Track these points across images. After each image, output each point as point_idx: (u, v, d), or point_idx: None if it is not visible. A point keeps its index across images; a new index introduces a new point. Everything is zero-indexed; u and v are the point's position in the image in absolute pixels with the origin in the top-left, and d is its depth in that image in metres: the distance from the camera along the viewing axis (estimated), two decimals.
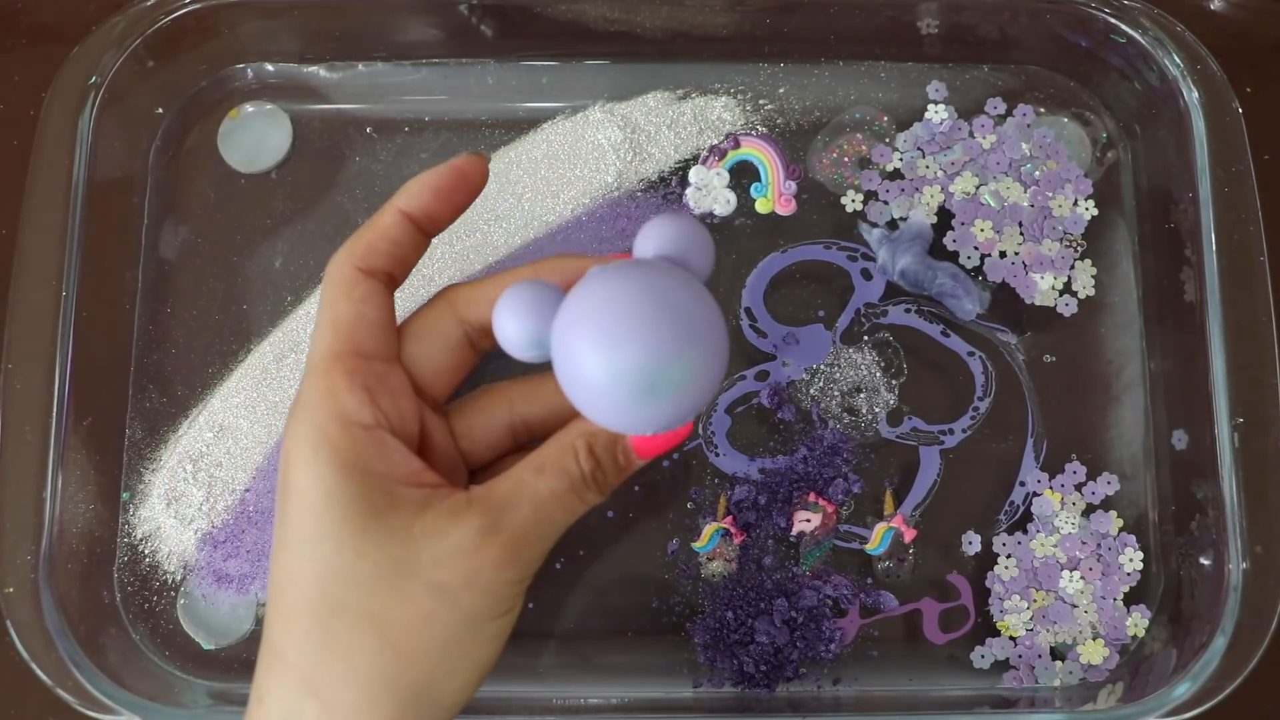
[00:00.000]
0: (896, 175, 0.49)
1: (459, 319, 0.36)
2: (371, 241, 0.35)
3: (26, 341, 0.44)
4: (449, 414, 0.37)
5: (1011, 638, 0.45)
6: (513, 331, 0.31)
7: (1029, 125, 0.50)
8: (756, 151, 0.50)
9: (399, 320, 0.36)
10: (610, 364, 0.29)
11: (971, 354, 0.48)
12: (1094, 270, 0.48)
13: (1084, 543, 0.46)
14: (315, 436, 0.32)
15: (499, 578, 0.32)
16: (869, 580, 0.46)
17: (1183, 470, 0.46)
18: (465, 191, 0.36)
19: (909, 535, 0.46)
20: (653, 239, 0.32)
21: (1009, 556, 0.46)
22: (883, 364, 0.48)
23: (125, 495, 0.46)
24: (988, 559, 0.46)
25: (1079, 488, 0.46)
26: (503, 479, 0.34)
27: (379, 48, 0.50)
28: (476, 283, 0.36)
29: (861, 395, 0.47)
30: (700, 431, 0.47)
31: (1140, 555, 0.46)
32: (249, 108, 0.50)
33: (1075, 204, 0.49)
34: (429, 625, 0.32)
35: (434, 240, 0.48)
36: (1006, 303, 0.48)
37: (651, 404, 0.30)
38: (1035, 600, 0.45)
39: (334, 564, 0.31)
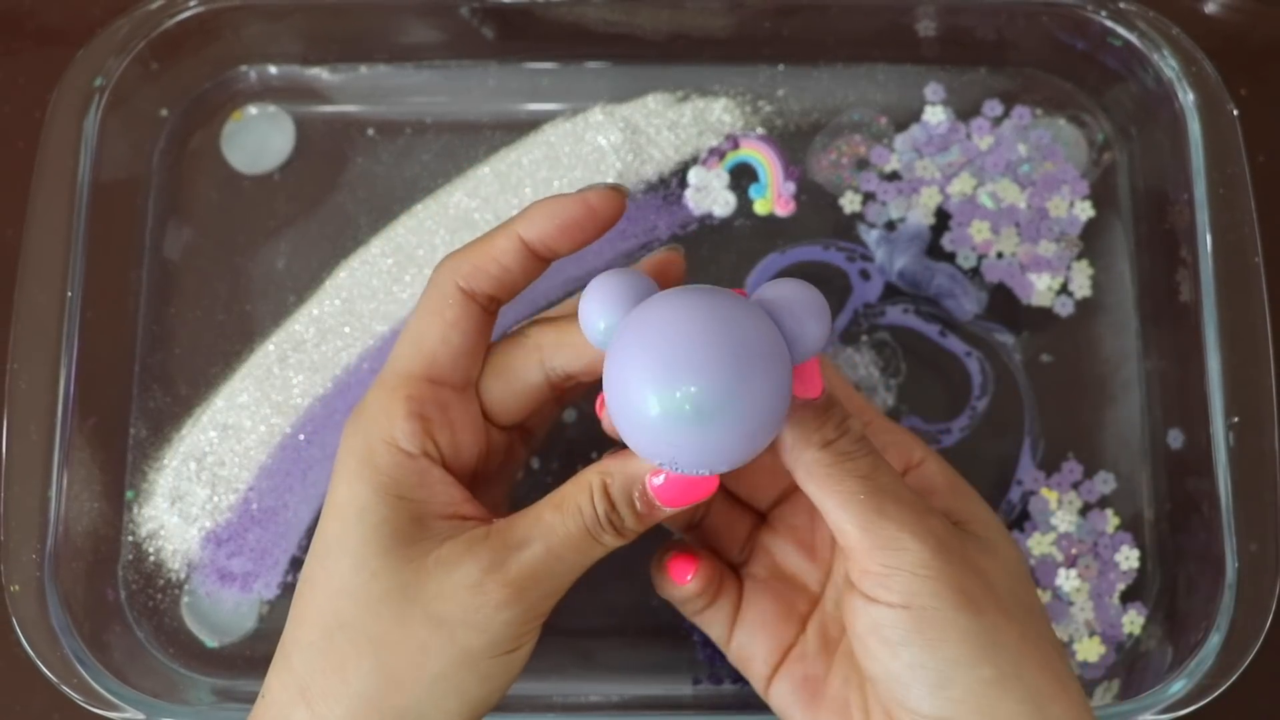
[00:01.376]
0: (894, 176, 0.50)
1: (544, 363, 0.34)
2: (480, 263, 0.33)
3: (31, 341, 0.44)
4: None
5: None
6: (596, 319, 0.30)
7: (1026, 127, 0.50)
8: (755, 153, 0.50)
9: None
10: (659, 392, 0.28)
11: (969, 354, 0.48)
12: (1091, 271, 0.49)
13: (1080, 541, 0.46)
14: (363, 453, 0.33)
15: (498, 617, 0.32)
16: None
17: (1179, 469, 0.46)
18: (593, 228, 0.34)
19: None
20: (766, 304, 0.30)
21: None
22: (881, 364, 0.48)
23: (129, 494, 0.47)
24: None
25: (1075, 486, 0.47)
26: (525, 513, 0.33)
27: (381, 50, 0.51)
28: (565, 326, 0.34)
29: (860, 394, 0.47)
30: None
31: (1136, 553, 0.46)
32: (252, 110, 0.51)
33: (1072, 205, 0.49)
34: (422, 655, 0.31)
35: (434, 241, 0.49)
36: (1004, 303, 0.48)
37: (695, 438, 0.28)
38: None
39: (349, 580, 0.32)
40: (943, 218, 0.49)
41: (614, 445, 0.33)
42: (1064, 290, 0.48)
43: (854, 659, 0.35)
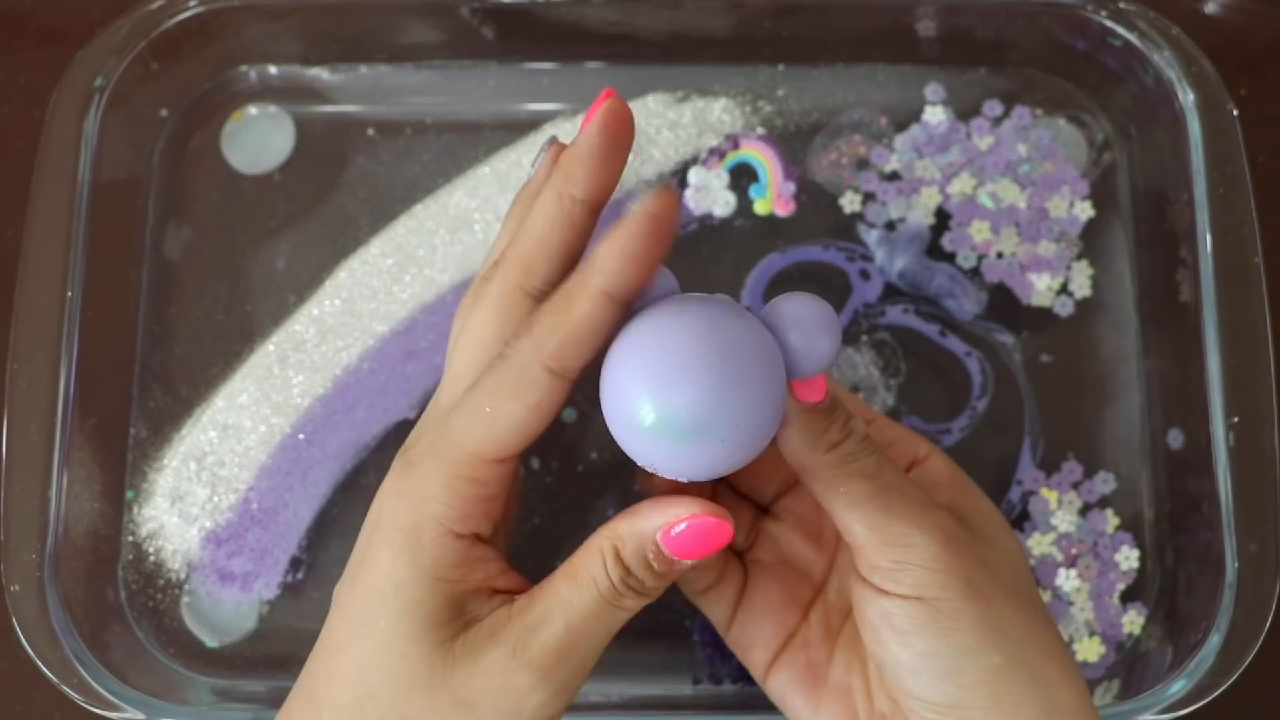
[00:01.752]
0: (894, 176, 0.50)
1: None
2: (568, 338, 0.30)
3: (32, 341, 0.44)
4: None
5: None
6: None
7: (1026, 127, 0.50)
8: (755, 153, 0.50)
9: None
10: (649, 403, 0.28)
11: (969, 354, 0.48)
12: (1091, 271, 0.49)
13: (1080, 541, 0.46)
14: (410, 528, 0.31)
15: (528, 701, 0.31)
16: None
17: (1178, 469, 0.46)
18: (668, 238, 0.30)
19: None
20: (779, 317, 0.30)
21: None
22: (881, 364, 0.48)
23: (129, 494, 0.47)
24: None
25: (1075, 486, 0.47)
26: (543, 587, 0.32)
27: (381, 50, 0.51)
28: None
29: (860, 395, 0.47)
30: None
31: (1136, 553, 0.46)
32: (252, 110, 0.51)
33: (1072, 205, 0.49)
34: None
35: (434, 241, 0.49)
36: (1004, 303, 0.48)
37: (693, 446, 0.28)
38: None
39: (378, 657, 0.31)
40: (943, 218, 0.49)
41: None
42: (1064, 290, 0.49)
43: (856, 647, 0.35)
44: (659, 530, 0.31)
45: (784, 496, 0.39)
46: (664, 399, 0.28)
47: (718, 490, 0.39)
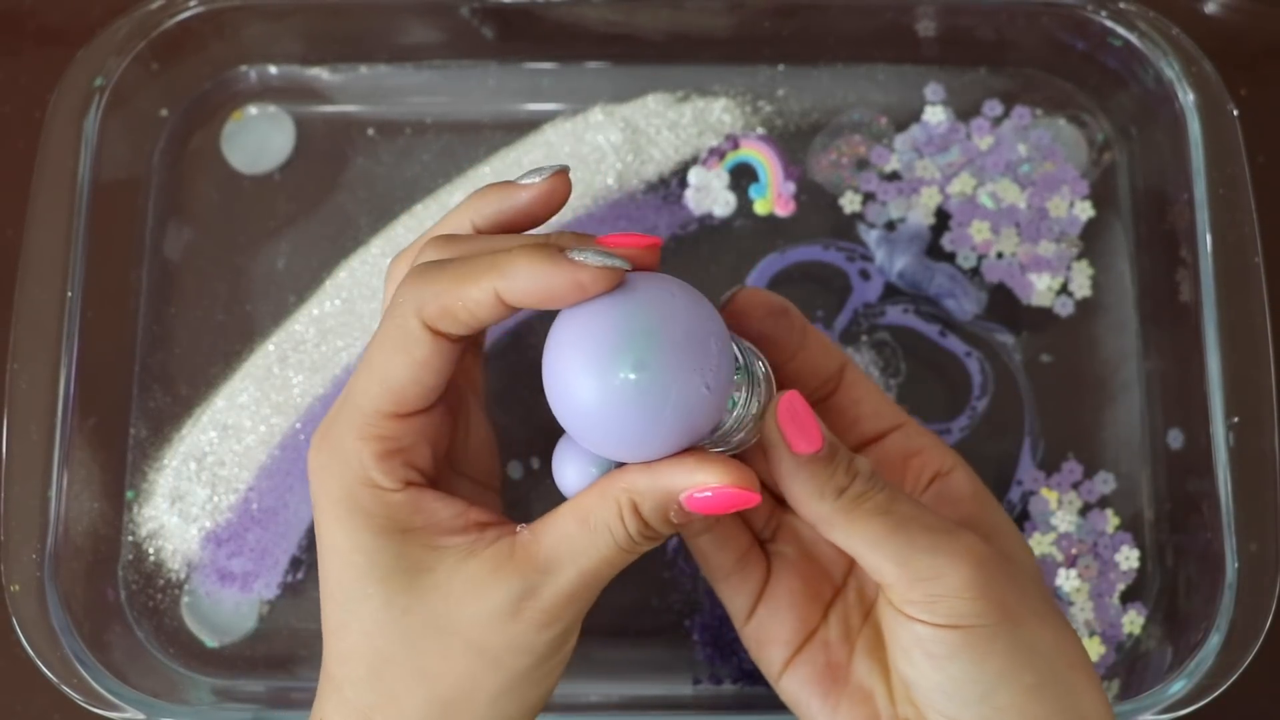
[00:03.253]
0: (894, 176, 0.50)
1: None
2: (450, 307, 0.29)
3: (32, 341, 0.44)
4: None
5: None
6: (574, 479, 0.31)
7: (1026, 127, 0.50)
8: (755, 153, 0.50)
9: None
10: (601, 382, 0.28)
11: (969, 354, 0.48)
12: (1091, 271, 0.49)
13: (1080, 541, 0.46)
14: (347, 500, 0.31)
15: (540, 638, 0.31)
16: None
17: (1178, 469, 0.46)
18: (578, 291, 0.29)
19: None
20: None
21: None
22: (881, 364, 0.48)
23: (129, 494, 0.47)
24: None
25: (1075, 486, 0.47)
26: (549, 528, 0.31)
27: (381, 50, 0.51)
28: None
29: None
30: None
31: (1136, 553, 0.46)
32: (252, 110, 0.51)
33: (1072, 205, 0.49)
34: (472, 683, 0.31)
35: None
36: (1004, 303, 0.48)
37: (645, 427, 0.28)
38: None
39: (380, 619, 0.31)
40: (943, 218, 0.49)
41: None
42: (1064, 290, 0.49)
43: (878, 651, 0.35)
44: (683, 491, 0.30)
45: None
46: (600, 377, 0.28)
47: None
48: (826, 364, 0.36)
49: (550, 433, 0.47)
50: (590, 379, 0.28)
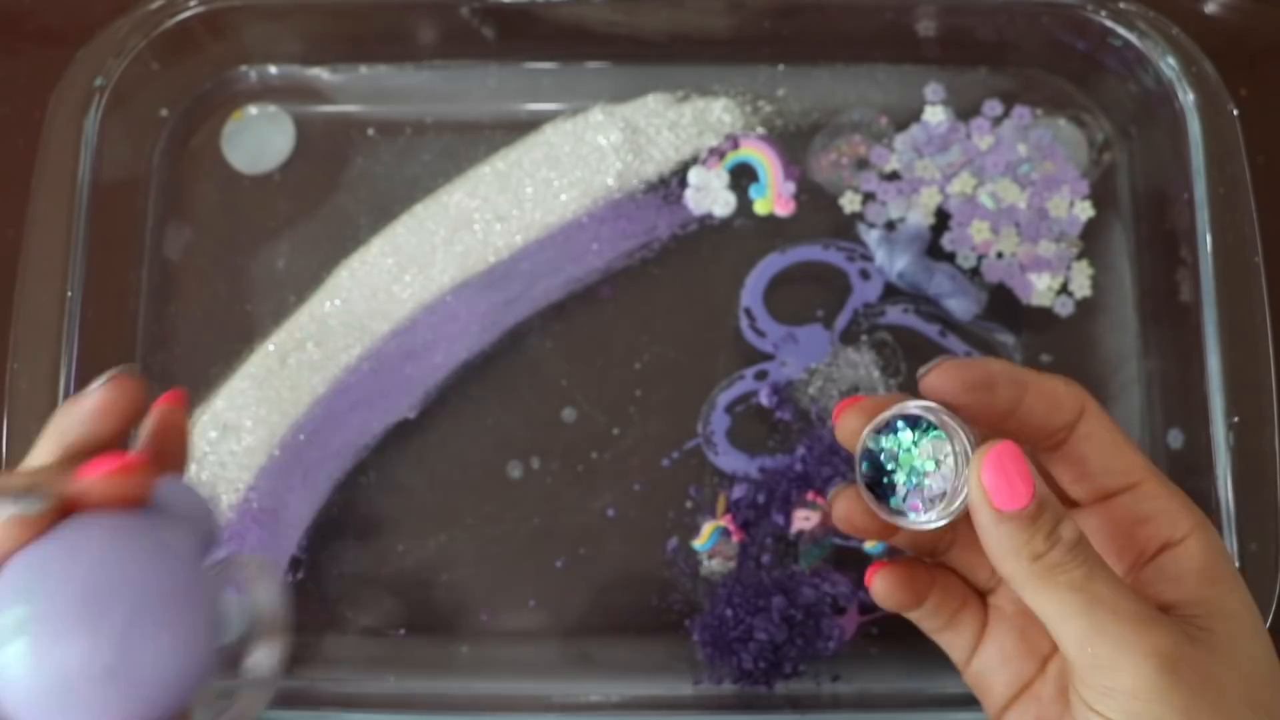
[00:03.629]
0: (894, 176, 0.50)
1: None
2: None
3: (32, 341, 0.44)
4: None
5: None
6: None
7: (1026, 127, 0.50)
8: (755, 153, 0.50)
9: None
10: (47, 659, 0.24)
11: (969, 354, 0.48)
12: (1091, 271, 0.49)
13: None
14: None
15: None
16: None
17: (1179, 469, 0.46)
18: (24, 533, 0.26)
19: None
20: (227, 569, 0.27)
21: None
22: (881, 364, 0.48)
23: None
24: None
25: None
26: None
27: (381, 50, 0.51)
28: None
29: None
30: (700, 431, 0.47)
31: None
32: (252, 110, 0.51)
33: (1072, 205, 0.49)
34: None
35: (434, 242, 0.49)
36: (1003, 303, 0.48)
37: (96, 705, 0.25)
38: None
39: None
40: (943, 218, 0.49)
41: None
42: (1064, 290, 0.48)
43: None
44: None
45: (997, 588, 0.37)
46: (56, 644, 0.25)
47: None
48: (1054, 417, 0.33)
49: (550, 432, 0.47)
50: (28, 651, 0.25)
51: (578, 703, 0.44)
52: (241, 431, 0.47)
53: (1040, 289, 0.48)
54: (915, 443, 0.31)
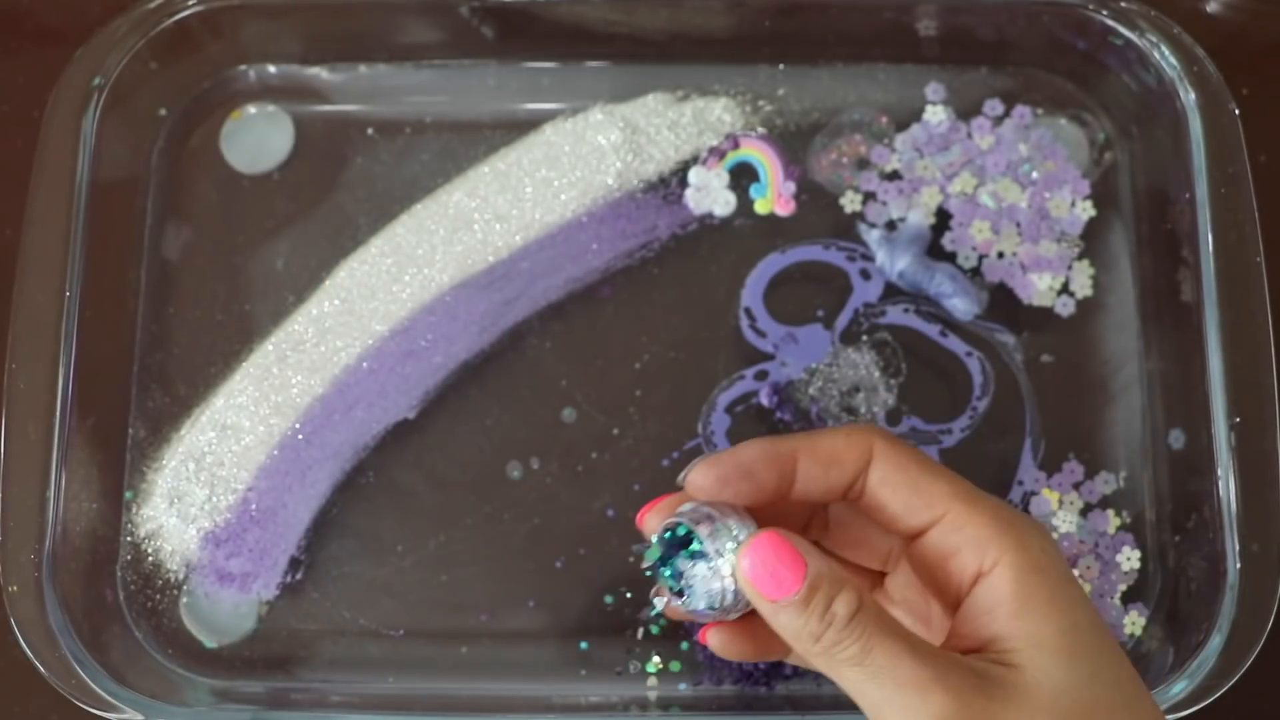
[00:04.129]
0: (895, 176, 0.50)
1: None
2: None
3: (30, 341, 0.44)
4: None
5: None
6: None
7: (1027, 126, 0.50)
8: (756, 152, 0.50)
9: None
10: None
11: (969, 354, 0.48)
12: (1092, 270, 0.49)
13: (1082, 541, 0.46)
14: None
15: None
16: None
17: (1180, 469, 0.46)
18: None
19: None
20: None
21: None
22: (881, 364, 0.48)
23: (128, 494, 0.47)
24: None
25: (1076, 487, 0.47)
26: None
27: (380, 49, 0.51)
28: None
29: (860, 395, 0.47)
30: (700, 431, 0.47)
31: (1138, 554, 0.46)
32: (251, 109, 0.51)
33: (1073, 205, 0.49)
34: None
35: (434, 242, 0.49)
36: (1004, 303, 0.48)
37: None
38: None
39: None
40: (943, 217, 0.49)
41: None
42: (1065, 290, 0.48)
43: None
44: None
45: (893, 573, 0.37)
46: None
47: (832, 550, 0.37)
48: (835, 475, 0.33)
49: (550, 433, 0.47)
50: None
51: (578, 703, 0.44)
52: (240, 431, 0.47)
53: (1041, 289, 0.48)
54: (691, 552, 0.32)
